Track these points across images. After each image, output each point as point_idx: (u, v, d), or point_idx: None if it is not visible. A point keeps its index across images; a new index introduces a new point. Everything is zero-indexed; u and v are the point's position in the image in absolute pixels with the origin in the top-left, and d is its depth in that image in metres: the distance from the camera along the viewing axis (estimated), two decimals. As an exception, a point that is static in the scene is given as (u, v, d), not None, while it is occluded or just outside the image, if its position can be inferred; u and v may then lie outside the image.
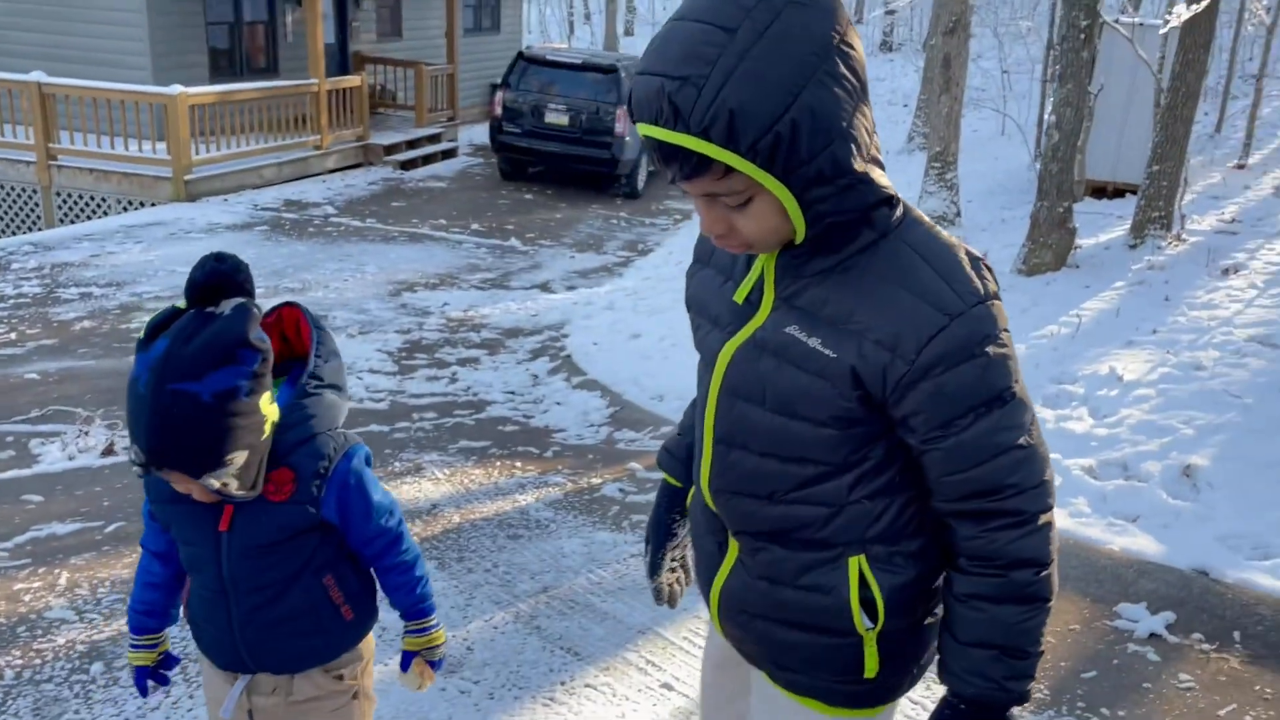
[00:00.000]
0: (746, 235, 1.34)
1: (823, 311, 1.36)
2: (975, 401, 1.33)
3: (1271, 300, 6.87)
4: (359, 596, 1.88)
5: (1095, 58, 8.42)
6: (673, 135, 1.23)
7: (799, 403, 1.39)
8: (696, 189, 1.30)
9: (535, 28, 33.64)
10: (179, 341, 1.56)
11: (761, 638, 1.57)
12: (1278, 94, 14.86)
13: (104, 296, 7.94)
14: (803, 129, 1.22)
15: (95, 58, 12.61)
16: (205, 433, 1.56)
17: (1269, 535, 4.32)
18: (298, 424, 1.73)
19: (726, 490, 1.51)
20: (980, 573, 1.39)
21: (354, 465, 1.77)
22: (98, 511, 4.29)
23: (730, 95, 1.19)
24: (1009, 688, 1.40)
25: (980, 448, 1.34)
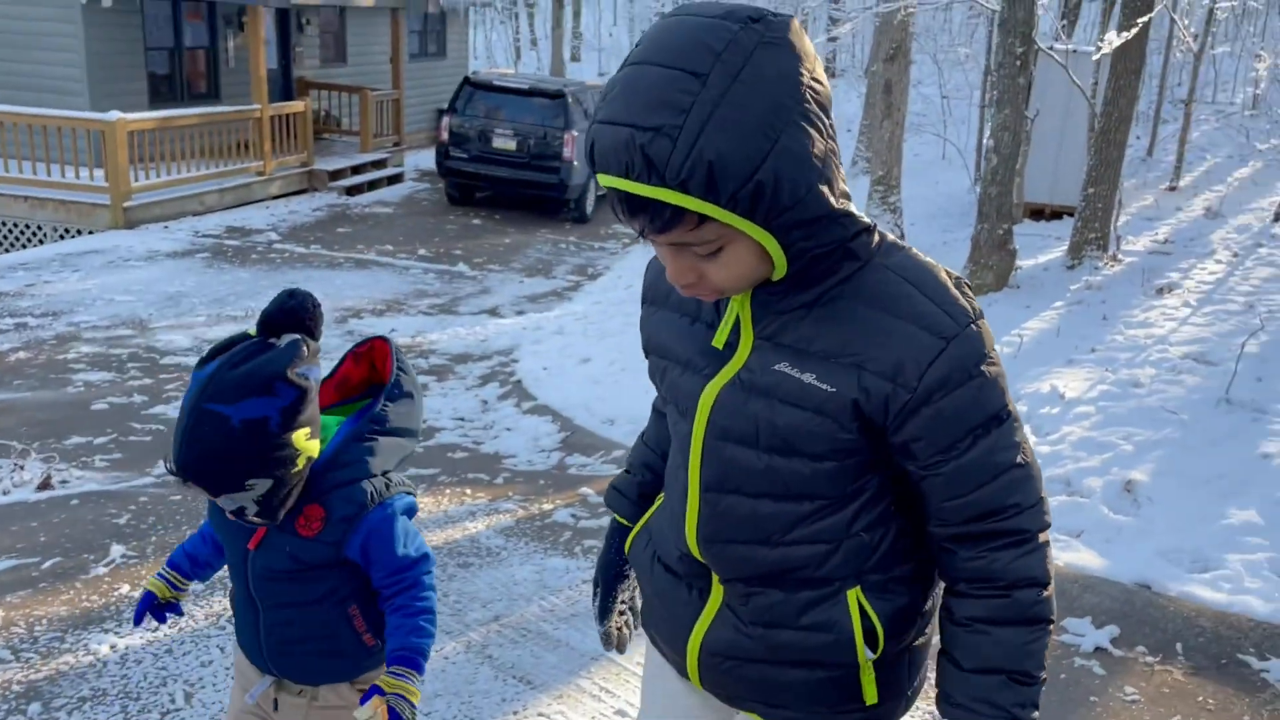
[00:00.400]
0: (718, 283, 1.28)
1: (813, 347, 1.32)
2: (974, 423, 1.31)
3: (1204, 318, 7.05)
4: (384, 626, 1.89)
5: (1031, 84, 8.63)
6: (646, 189, 1.16)
7: (796, 440, 1.34)
8: (666, 240, 1.24)
9: (482, 53, 33.69)
10: (225, 366, 1.65)
11: (752, 681, 1.50)
12: (1206, 118, 15.32)
13: (40, 327, 7.77)
14: (784, 175, 1.18)
15: (31, 83, 12.39)
16: (228, 455, 1.62)
17: (1207, 548, 4.41)
18: (342, 466, 1.78)
19: (719, 539, 1.44)
20: (982, 595, 1.36)
21: (387, 514, 1.79)
22: (34, 548, 4.18)
23: (708, 146, 1.13)
24: (1018, 715, 1.35)
25: (981, 468, 1.32)
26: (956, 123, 17.77)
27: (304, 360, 1.69)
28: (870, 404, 1.30)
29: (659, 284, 1.51)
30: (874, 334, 1.29)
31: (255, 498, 1.67)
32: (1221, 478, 4.93)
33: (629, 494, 1.78)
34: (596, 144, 1.19)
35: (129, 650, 3.37)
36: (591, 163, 1.21)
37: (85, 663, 3.30)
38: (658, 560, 1.59)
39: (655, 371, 1.54)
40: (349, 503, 1.76)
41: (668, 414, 1.54)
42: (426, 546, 1.86)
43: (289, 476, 1.69)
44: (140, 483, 4.94)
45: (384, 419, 1.83)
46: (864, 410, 1.31)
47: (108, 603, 3.70)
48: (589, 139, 1.22)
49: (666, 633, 1.60)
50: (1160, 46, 15.34)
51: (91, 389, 6.40)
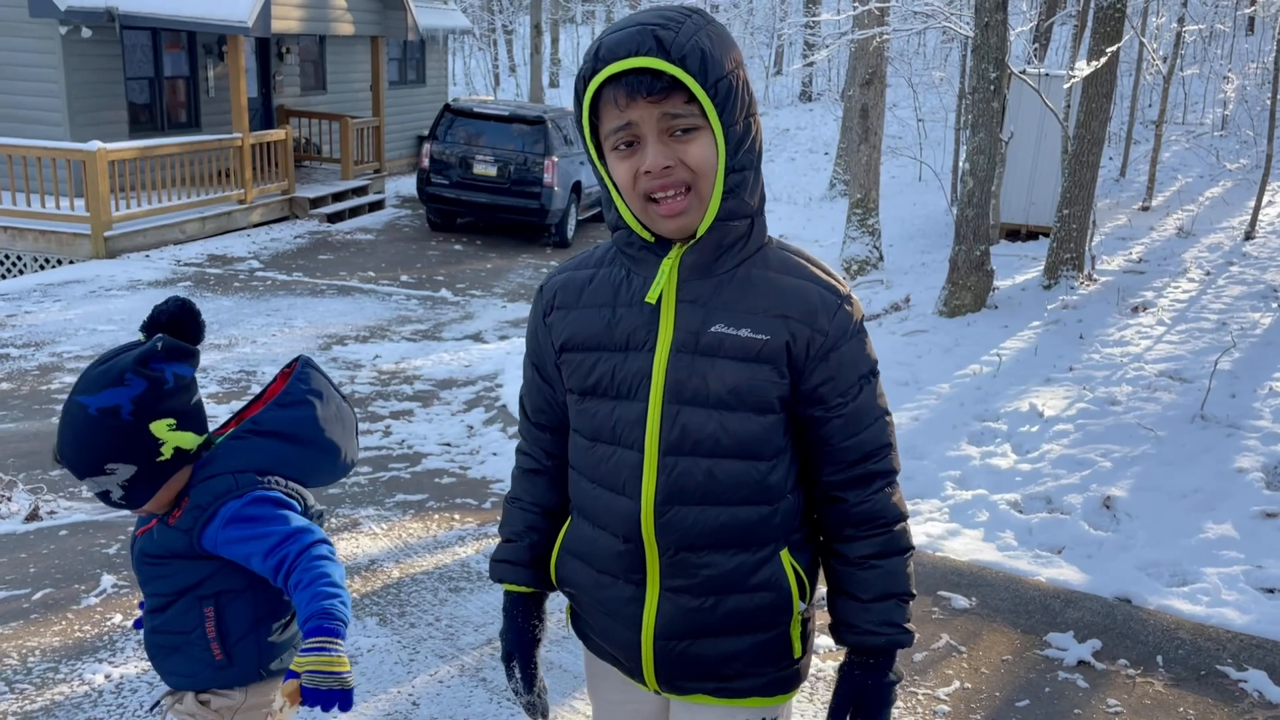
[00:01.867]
0: (690, 163, 1.49)
1: (741, 306, 1.55)
2: (863, 371, 1.60)
3: (1179, 336, 7.18)
4: (237, 642, 1.93)
5: (1005, 107, 8.78)
6: (653, 61, 1.43)
7: (741, 391, 1.54)
8: (660, 109, 1.46)
9: (461, 80, 33.83)
10: (96, 363, 1.83)
11: (705, 659, 1.64)
12: (1176, 139, 15.57)
13: (22, 357, 7.75)
14: (738, 90, 1.48)
15: (10, 114, 12.39)
16: (86, 440, 1.78)
17: (1185, 562, 4.50)
18: (211, 461, 1.90)
19: (675, 501, 1.57)
20: (870, 535, 1.62)
21: (236, 506, 1.83)
22: (24, 579, 4.18)
23: (701, 41, 1.45)
24: (908, 628, 1.63)
25: (868, 411, 1.60)
26: (932, 145, 18.00)
27: (160, 356, 1.82)
28: (797, 346, 1.55)
29: (567, 289, 1.68)
30: (789, 291, 1.56)
31: (119, 482, 1.80)
32: (1197, 492, 5.03)
33: (521, 561, 1.79)
34: (604, 43, 1.47)
35: (124, 679, 3.39)
36: (595, 62, 1.47)
37: (80, 692, 3.31)
38: (591, 569, 1.68)
39: (577, 368, 1.63)
40: (206, 493, 1.85)
41: (590, 408, 1.62)
42: (304, 523, 1.83)
43: (154, 465, 1.81)
44: (128, 513, 4.93)
45: (264, 421, 1.93)
46: (793, 352, 1.55)
47: (100, 632, 3.72)
48: (591, 49, 1.49)
49: (616, 639, 1.69)
50: (1131, 69, 15.60)
51: (76, 419, 6.39)
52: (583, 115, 1.52)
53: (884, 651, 1.63)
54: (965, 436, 5.98)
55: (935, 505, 5.25)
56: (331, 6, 15.31)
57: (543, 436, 1.77)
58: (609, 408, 1.60)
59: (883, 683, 1.63)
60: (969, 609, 4.19)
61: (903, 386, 6.81)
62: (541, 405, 1.75)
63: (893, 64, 17.68)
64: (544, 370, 1.71)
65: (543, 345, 1.70)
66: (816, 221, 15.20)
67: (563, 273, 1.71)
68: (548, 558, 1.79)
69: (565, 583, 1.76)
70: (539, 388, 1.74)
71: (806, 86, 27.68)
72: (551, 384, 1.71)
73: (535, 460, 1.79)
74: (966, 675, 3.68)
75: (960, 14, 12.47)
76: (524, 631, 1.81)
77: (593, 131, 1.54)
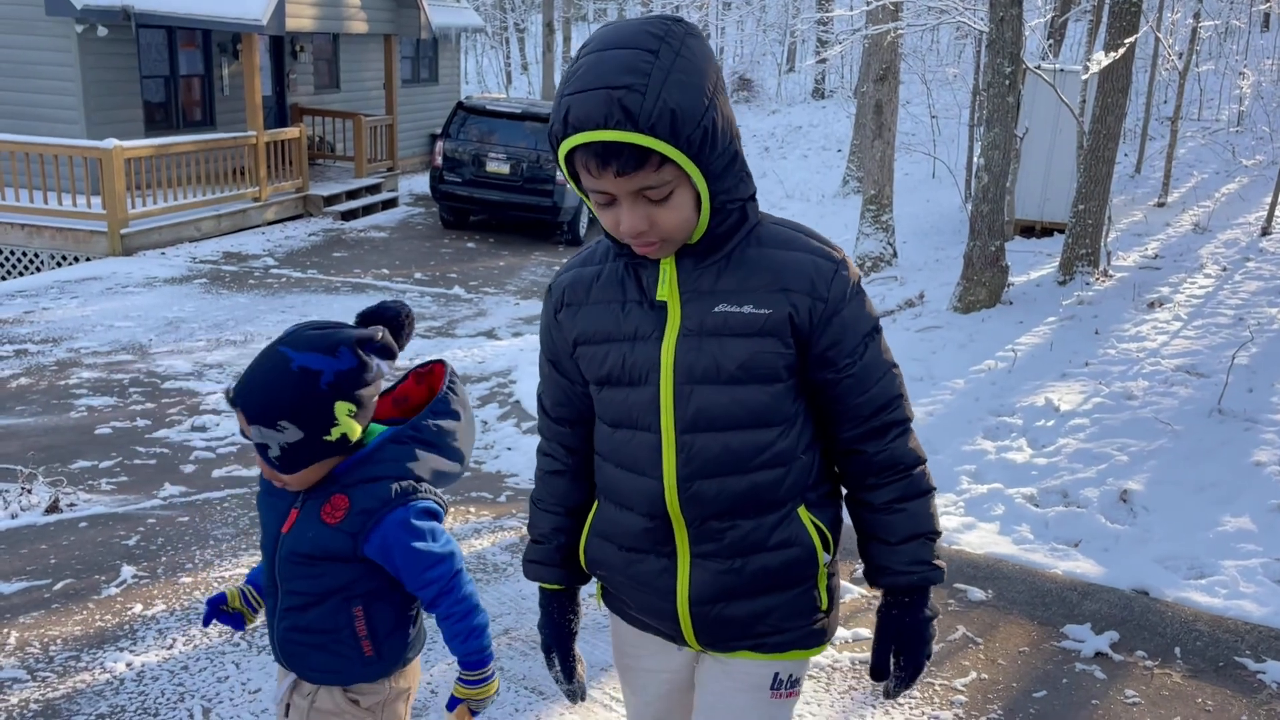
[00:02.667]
0: (665, 227, 1.53)
1: (742, 286, 1.60)
2: (866, 329, 1.65)
3: (1195, 331, 7.15)
4: (386, 638, 1.93)
5: (1020, 102, 8.76)
6: (623, 134, 1.43)
7: (750, 365, 1.60)
8: (631, 184, 1.48)
9: (473, 78, 33.90)
10: (309, 326, 1.86)
11: (740, 620, 1.72)
12: (1192, 135, 15.50)
13: (40, 353, 7.81)
14: (718, 125, 1.49)
15: (27, 112, 12.47)
16: (275, 390, 1.78)
17: (1203, 555, 4.48)
18: (374, 463, 1.87)
19: (697, 476, 1.64)
20: (892, 480, 1.69)
21: (404, 516, 1.83)
22: (44, 569, 4.21)
23: (669, 98, 1.43)
24: (937, 564, 1.71)
25: (876, 366, 1.66)
26: (946, 141, 17.96)
27: (375, 344, 1.85)
28: (800, 316, 1.60)
29: (575, 286, 1.73)
30: (785, 265, 1.61)
31: (282, 442, 1.78)
32: (1215, 486, 5.01)
33: (551, 561, 1.88)
34: (572, 109, 1.45)
35: (145, 668, 3.41)
36: (564, 127, 1.46)
37: (102, 680, 3.34)
38: (620, 549, 1.76)
39: (591, 360, 1.70)
40: (372, 497, 1.83)
41: (608, 396, 1.70)
42: (454, 544, 1.90)
43: (320, 440, 1.79)
44: (148, 505, 4.98)
45: (423, 429, 1.92)
46: (797, 323, 1.60)
47: (121, 622, 3.74)
48: (559, 109, 1.47)
49: (654, 609, 1.77)
50: (1146, 65, 15.54)
51: (94, 414, 6.44)
52: (561, 163, 1.56)
53: (917, 589, 1.70)
54: (981, 431, 5.97)
55: (951, 499, 5.24)
56: (345, 5, 15.36)
57: (563, 431, 1.83)
58: (624, 394, 1.68)
59: (920, 619, 1.70)
60: (985, 601, 4.18)
61: (917, 382, 6.80)
62: (560, 399, 1.81)
63: (906, 60, 17.64)
64: (560, 365, 1.78)
65: (557, 341, 1.77)
66: (830, 218, 15.18)
67: (569, 270, 1.77)
68: (576, 554, 1.87)
69: (596, 565, 1.83)
70: (556, 382, 1.80)
71: (819, 83, 27.65)
72: (569, 377, 1.78)
73: (556, 460, 1.85)
74: (983, 666, 3.68)
75: (974, 9, 12.44)
76: (561, 626, 1.90)
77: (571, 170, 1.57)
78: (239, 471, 5.53)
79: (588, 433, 1.81)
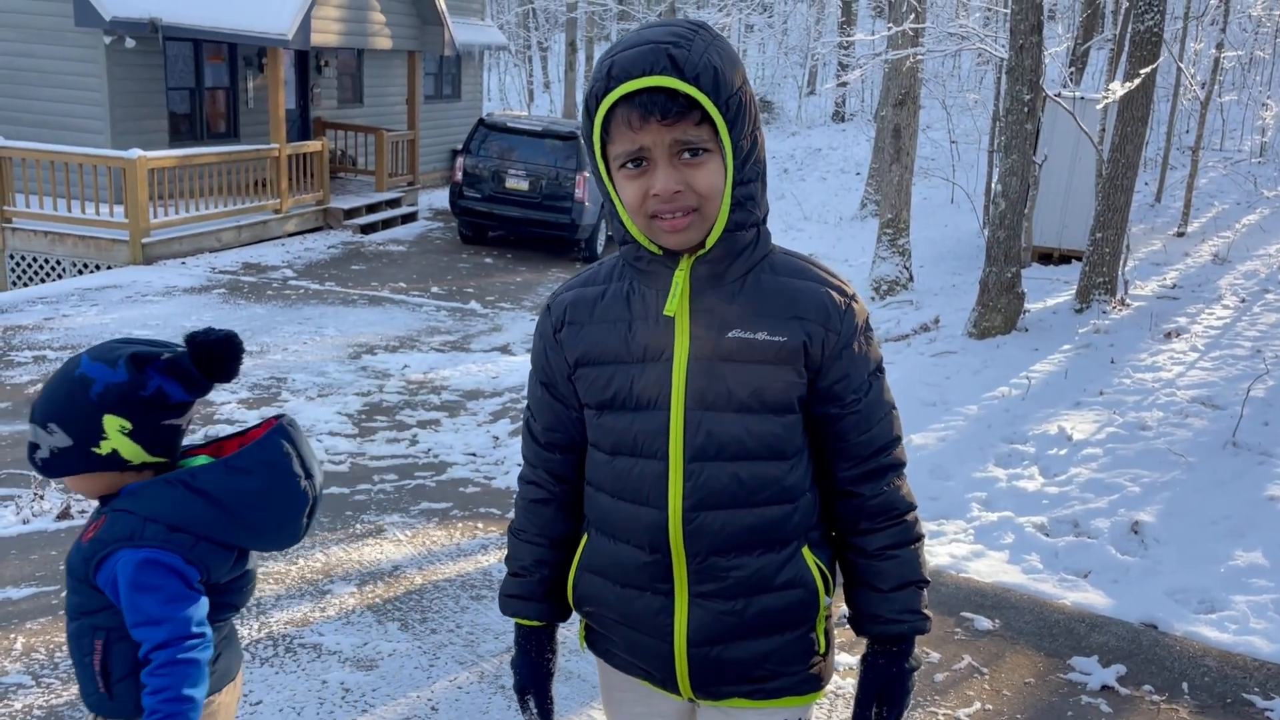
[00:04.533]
0: (699, 188, 1.51)
1: (755, 311, 1.58)
2: (873, 367, 1.65)
3: (1212, 363, 7.10)
4: (118, 681, 1.80)
5: (1039, 130, 8.75)
6: (669, 80, 1.44)
7: (762, 393, 1.58)
8: (672, 134, 1.48)
9: (495, 95, 34.11)
10: (116, 340, 1.83)
11: (736, 664, 1.65)
12: (1213, 165, 15.43)
13: (58, 360, 7.87)
14: (747, 106, 1.51)
15: (53, 120, 12.62)
16: (52, 391, 1.78)
17: (1214, 589, 4.44)
18: (136, 495, 1.79)
19: (703, 507, 1.59)
20: (886, 526, 1.67)
21: (132, 558, 1.73)
22: (53, 576, 4.24)
23: (713, 58, 1.47)
24: (926, 613, 1.69)
25: (879, 405, 1.66)
26: (965, 167, 17.93)
27: (161, 366, 1.78)
28: (814, 346, 1.59)
29: (578, 305, 1.67)
30: (801, 294, 1.60)
31: (52, 445, 1.76)
32: (1228, 519, 4.96)
33: (532, 595, 1.78)
34: (616, 63, 1.46)
35: (148, 676, 3.43)
36: (607, 82, 1.47)
37: (105, 688, 3.35)
38: (615, 585, 1.68)
39: (594, 381, 1.63)
40: (113, 528, 1.75)
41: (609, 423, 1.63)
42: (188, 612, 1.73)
43: (89, 451, 1.75)
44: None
45: (197, 477, 1.80)
46: (810, 352, 1.59)
47: (127, 630, 3.76)
48: (601, 68, 1.48)
49: (646, 651, 1.68)
50: (1168, 94, 15.49)
51: (109, 421, 6.48)
52: (594, 132, 1.52)
53: (905, 639, 1.68)
54: (992, 458, 5.94)
55: (960, 526, 5.21)
56: (370, 21, 15.50)
57: (552, 458, 1.75)
58: (628, 420, 1.61)
59: (904, 668, 1.68)
60: (992, 630, 4.16)
61: (930, 407, 6.78)
62: (552, 424, 1.73)
63: (926, 85, 17.66)
64: (555, 388, 1.70)
65: (554, 362, 1.69)
66: (847, 241, 15.17)
67: (570, 290, 1.70)
68: (559, 590, 1.78)
69: (585, 601, 1.74)
70: (549, 406, 1.72)
71: (839, 106, 27.69)
72: (564, 401, 1.70)
73: (542, 488, 1.76)
74: (988, 697, 3.65)
75: (995, 36, 12.45)
76: (538, 665, 1.80)
77: (601, 148, 1.54)
78: (250, 482, 5.55)
79: (578, 461, 1.73)
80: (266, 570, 4.37)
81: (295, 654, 3.68)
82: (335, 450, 6.24)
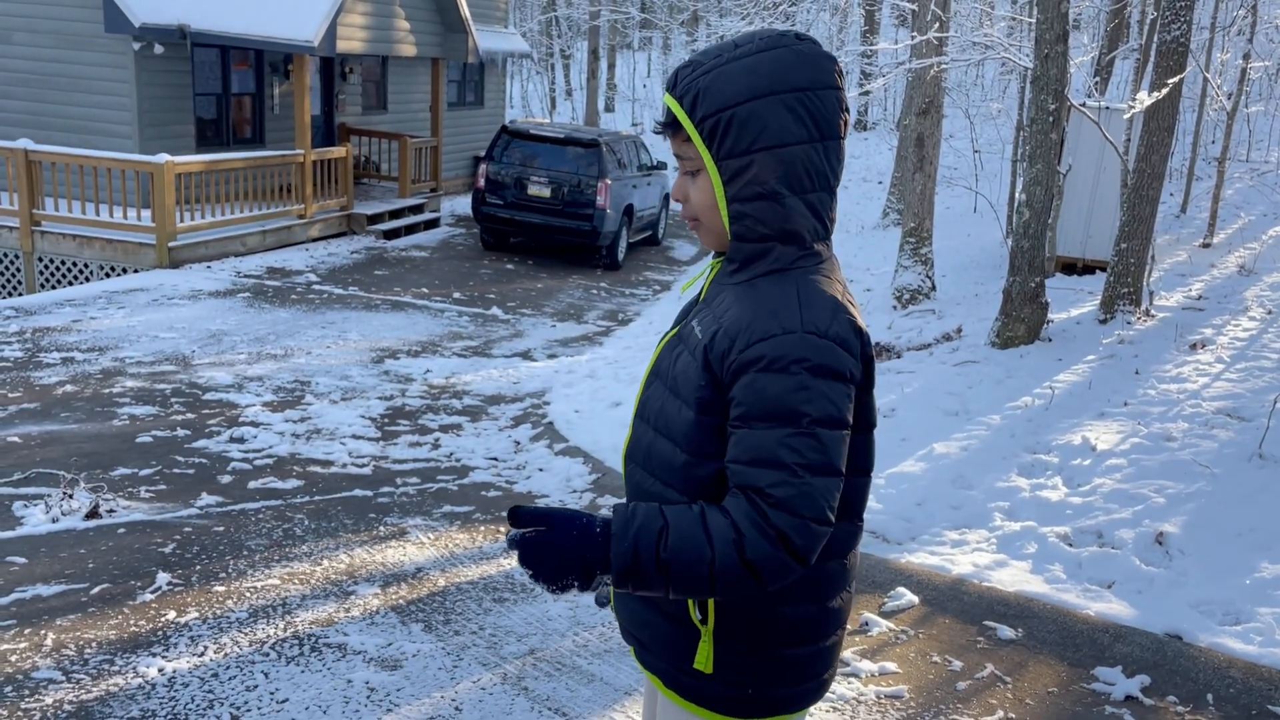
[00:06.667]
0: (695, 203, 1.64)
1: (716, 309, 1.62)
2: (774, 410, 1.46)
3: (1238, 374, 7.05)
4: None
5: (1063, 139, 8.72)
6: (667, 97, 1.60)
7: (679, 379, 1.63)
8: (674, 146, 1.63)
9: (518, 103, 34.24)
10: None
11: (629, 613, 1.75)
12: (1240, 176, 15.32)
13: (86, 361, 7.96)
14: (734, 126, 1.53)
15: (82, 126, 12.78)
16: None
17: (1239, 601, 4.41)
18: None
19: (631, 459, 1.74)
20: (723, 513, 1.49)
21: None
22: (82, 573, 4.29)
23: (704, 80, 1.55)
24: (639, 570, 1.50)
25: (764, 445, 1.46)
26: (989, 176, 17.87)
27: None
28: (713, 353, 1.55)
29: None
30: (744, 307, 1.55)
31: None
32: (1253, 531, 4.93)
33: None
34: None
35: (177, 674, 3.47)
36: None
37: (134, 685, 3.39)
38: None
39: None
40: None
41: None
42: None
43: None
44: (185, 514, 5.06)
45: None
46: (709, 357, 1.55)
47: (155, 628, 3.80)
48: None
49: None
50: (1194, 104, 15.40)
51: (136, 422, 6.55)
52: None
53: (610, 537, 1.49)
54: (1015, 468, 5.92)
55: (983, 535, 5.20)
56: (395, 29, 15.61)
57: None
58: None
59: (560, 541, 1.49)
60: (1015, 640, 4.14)
61: (952, 416, 6.76)
62: None
63: (950, 95, 17.62)
64: None
65: None
66: (869, 250, 15.14)
67: None
68: None
69: None
70: None
71: (862, 115, 27.66)
72: None
73: None
74: (1011, 706, 3.64)
75: (1020, 45, 12.42)
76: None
77: None
78: (275, 484, 5.60)
79: None
80: (291, 571, 4.41)
81: (320, 653, 3.71)
82: (358, 453, 6.28)
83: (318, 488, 5.59)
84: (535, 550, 1.49)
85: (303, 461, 6.02)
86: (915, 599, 4.44)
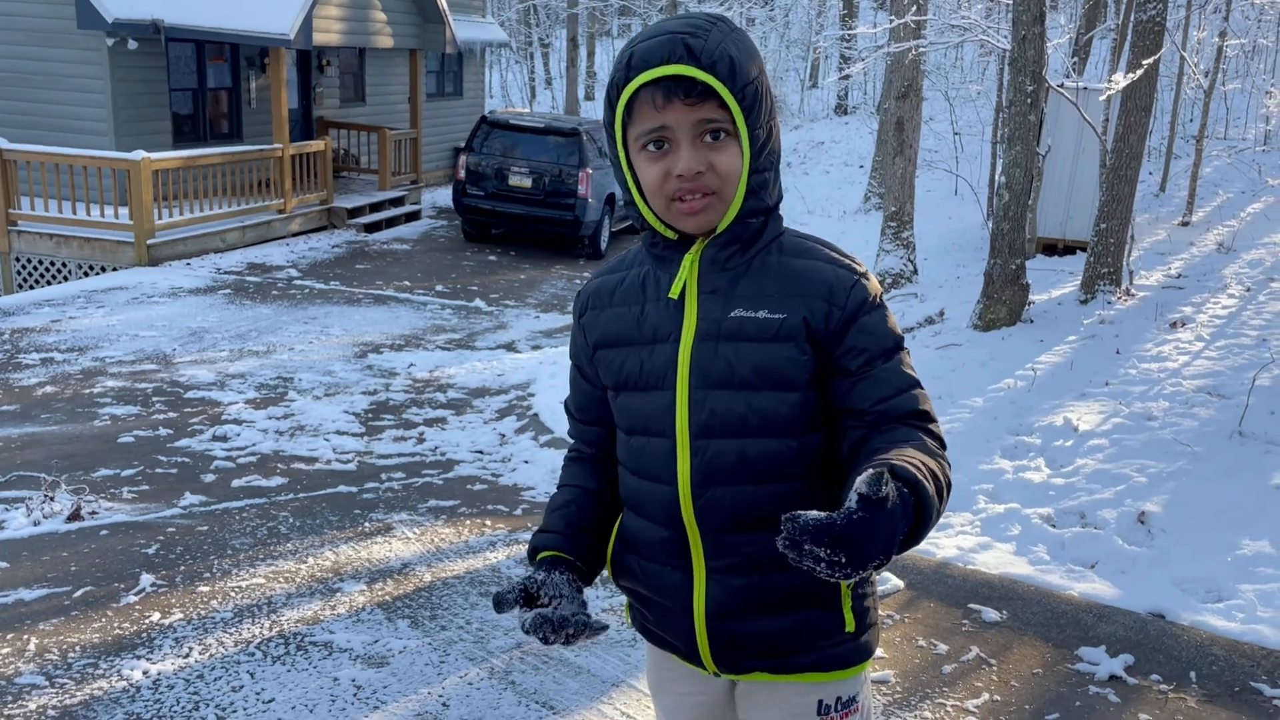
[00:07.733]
0: (721, 170, 1.56)
1: (758, 290, 1.60)
2: (888, 344, 1.60)
3: (1218, 352, 7.10)
4: None
5: (1042, 121, 8.74)
6: (685, 69, 1.51)
7: (765, 370, 1.59)
8: (696, 114, 1.53)
9: (497, 92, 34.08)
10: None
11: (755, 638, 1.66)
12: (1218, 154, 15.39)
13: (66, 361, 7.90)
14: (762, 96, 1.56)
15: (57, 123, 12.65)
16: None
17: (1221, 578, 4.45)
18: None
19: (711, 483, 1.61)
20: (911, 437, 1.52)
21: None
22: (65, 577, 4.27)
23: (729, 48, 1.52)
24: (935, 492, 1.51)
25: (896, 375, 1.59)
26: (969, 159, 17.90)
27: None
28: (815, 321, 1.58)
29: (600, 292, 1.76)
30: (804, 272, 1.61)
31: None
32: (1234, 509, 4.97)
33: (554, 528, 1.74)
34: (636, 51, 1.53)
35: (161, 676, 3.45)
36: (627, 71, 1.53)
37: (119, 688, 3.38)
38: (642, 560, 1.72)
39: (609, 364, 1.71)
40: None
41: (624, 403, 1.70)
42: None
43: None
44: (168, 514, 5.03)
45: None
46: (812, 327, 1.58)
47: (139, 630, 3.79)
48: (622, 58, 1.55)
49: (672, 626, 1.72)
50: (1171, 83, 15.46)
51: (117, 422, 6.51)
52: (615, 119, 1.59)
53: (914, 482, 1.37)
54: (998, 450, 5.95)
55: (967, 519, 5.22)
56: (372, 20, 15.51)
57: (586, 430, 1.85)
58: (640, 400, 1.67)
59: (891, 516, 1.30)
60: (1000, 622, 4.17)
61: (935, 400, 6.77)
62: (583, 402, 1.83)
63: (929, 77, 17.63)
64: (583, 369, 1.80)
65: (579, 345, 1.79)
66: (851, 234, 15.16)
67: (598, 277, 1.79)
68: (586, 535, 1.74)
69: (621, 575, 1.79)
70: (580, 387, 1.82)
71: (842, 99, 27.64)
72: (590, 382, 1.79)
73: (577, 449, 1.87)
74: (996, 688, 3.66)
75: (997, 27, 12.43)
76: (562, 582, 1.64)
77: (622, 135, 1.60)
78: (259, 482, 5.58)
79: (608, 434, 1.81)
80: (275, 569, 4.40)
81: (306, 652, 3.70)
82: (343, 449, 6.26)
83: (302, 485, 5.57)
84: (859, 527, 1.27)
85: (286, 459, 6.00)
86: (900, 583, 4.46)
